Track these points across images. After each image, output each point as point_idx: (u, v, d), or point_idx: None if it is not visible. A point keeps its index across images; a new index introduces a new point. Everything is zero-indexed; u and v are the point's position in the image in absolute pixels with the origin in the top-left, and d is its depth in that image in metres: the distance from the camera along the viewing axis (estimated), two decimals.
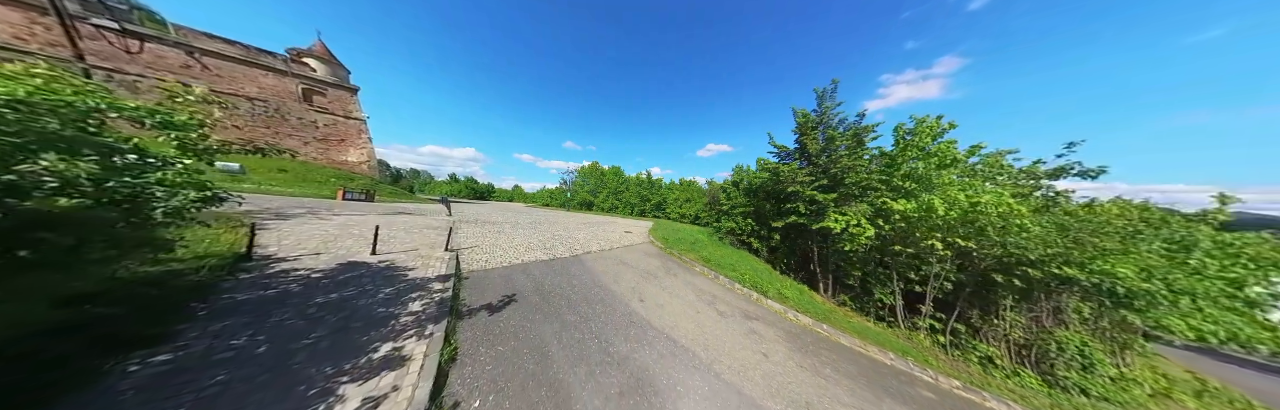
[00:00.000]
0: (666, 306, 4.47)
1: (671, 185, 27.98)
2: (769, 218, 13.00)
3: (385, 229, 5.86)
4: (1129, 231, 6.47)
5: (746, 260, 11.43)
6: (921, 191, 8.60)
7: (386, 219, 7.18)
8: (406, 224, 6.92)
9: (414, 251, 4.77)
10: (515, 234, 7.94)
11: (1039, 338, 6.90)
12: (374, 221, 6.35)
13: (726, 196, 15.37)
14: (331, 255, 4.01)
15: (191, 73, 13.43)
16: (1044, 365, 6.14)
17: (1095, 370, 5.85)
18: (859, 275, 10.31)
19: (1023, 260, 6.33)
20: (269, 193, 9.29)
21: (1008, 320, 8.37)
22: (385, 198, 14.80)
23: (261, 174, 13.06)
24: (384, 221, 6.70)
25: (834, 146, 10.12)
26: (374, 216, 7.31)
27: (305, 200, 8.90)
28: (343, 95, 17.44)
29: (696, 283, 6.45)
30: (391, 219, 7.27)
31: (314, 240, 4.52)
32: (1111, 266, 5.34)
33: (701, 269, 8.01)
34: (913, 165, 8.60)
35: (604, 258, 7.19)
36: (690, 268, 8.14)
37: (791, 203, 11.71)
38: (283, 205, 7.05)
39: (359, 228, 5.66)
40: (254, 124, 14.80)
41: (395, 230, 6.01)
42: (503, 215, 13.24)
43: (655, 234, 13.03)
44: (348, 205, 8.94)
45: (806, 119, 11.48)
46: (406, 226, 6.58)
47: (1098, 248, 5.71)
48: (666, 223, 19.57)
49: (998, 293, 8.29)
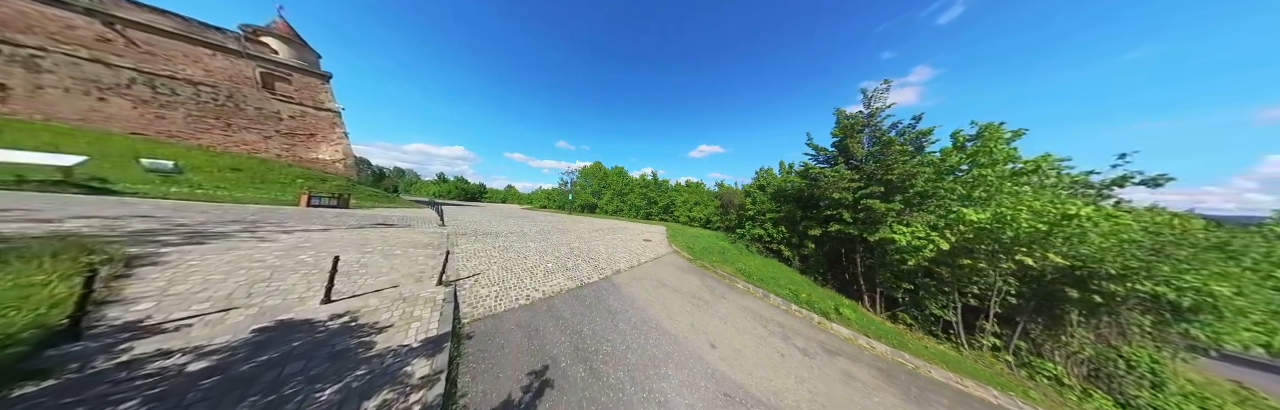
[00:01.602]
0: (744, 351, 3.56)
1: (678, 187, 26.67)
2: (803, 225, 11.90)
3: (355, 251, 4.23)
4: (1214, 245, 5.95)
5: (783, 272, 10.26)
6: (988, 201, 7.67)
7: (359, 235, 5.48)
8: (386, 240, 5.27)
9: (391, 290, 3.21)
10: (525, 249, 6.38)
11: (1104, 354, 6.51)
12: (339, 240, 4.69)
13: (752, 201, 14.13)
14: (250, 311, 2.42)
15: (112, 48, 11.04)
16: (1112, 383, 5.93)
17: (1167, 388, 5.61)
18: (909, 288, 9.32)
19: (1101, 274, 5.90)
20: (207, 198, 7.35)
21: (1077, 337, 7.69)
22: (363, 202, 12.80)
23: (207, 174, 10.88)
24: (355, 240, 5.04)
25: (888, 151, 9.02)
26: (342, 232, 5.60)
27: (255, 209, 7.03)
28: (312, 82, 15.17)
29: (752, 306, 5.49)
30: (366, 235, 5.57)
31: (231, 282, 2.88)
32: (1203, 283, 4.93)
33: (745, 286, 7.01)
34: (979, 173, 7.64)
35: (638, 278, 5.81)
36: (733, 285, 7.00)
37: (832, 210, 10.60)
38: (214, 217, 5.25)
39: (315, 252, 4.02)
40: (199, 114, 12.47)
41: (370, 253, 4.38)
42: (503, 222, 11.54)
43: (676, 242, 11.72)
44: (310, 216, 7.10)
45: (853, 121, 10.32)
46: (386, 245, 4.94)
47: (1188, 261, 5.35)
48: (678, 227, 18.25)
49: (1064, 307, 7.59)
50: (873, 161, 9.54)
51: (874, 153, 9.48)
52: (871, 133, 10.09)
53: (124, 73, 11.27)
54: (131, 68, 11.31)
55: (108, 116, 11.06)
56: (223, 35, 12.87)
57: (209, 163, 11.56)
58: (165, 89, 11.86)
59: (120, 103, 11.20)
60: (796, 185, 12.10)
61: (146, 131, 11.56)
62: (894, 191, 8.90)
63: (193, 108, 12.38)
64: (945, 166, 8.53)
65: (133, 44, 11.36)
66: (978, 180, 7.62)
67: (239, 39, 13.16)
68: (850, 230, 9.36)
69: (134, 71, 11.35)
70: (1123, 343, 7.13)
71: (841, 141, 10.57)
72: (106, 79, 11.04)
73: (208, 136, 12.69)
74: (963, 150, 8.14)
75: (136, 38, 11.40)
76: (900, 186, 8.74)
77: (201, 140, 12.55)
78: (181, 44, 12.08)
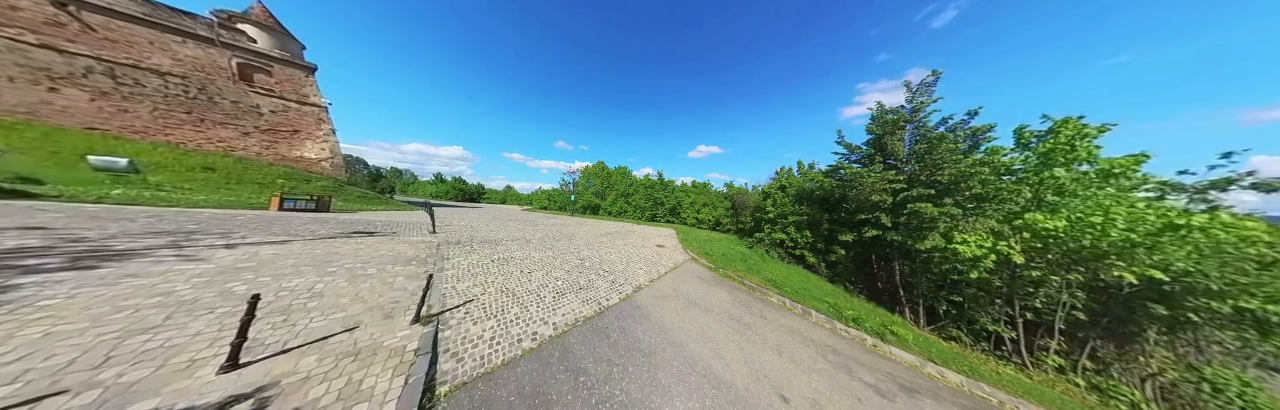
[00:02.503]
0: (819, 401, 2.79)
1: (685, 187, 25.70)
2: (830, 229, 10.97)
3: (313, 273, 3.24)
4: None
5: (812, 281, 9.34)
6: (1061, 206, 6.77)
7: (327, 249, 4.47)
8: (360, 255, 4.27)
9: (344, 336, 2.23)
10: (529, 261, 5.40)
11: (1185, 376, 5.94)
12: (297, 256, 3.68)
13: (772, 203, 13.18)
14: (84, 400, 1.43)
15: (64, 33, 9.94)
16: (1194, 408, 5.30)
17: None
18: (956, 300, 8.44)
19: (1199, 289, 5.19)
20: (156, 202, 6.31)
21: (1157, 357, 6.90)
22: (349, 205, 11.75)
23: (174, 173, 9.82)
24: (319, 255, 4.04)
25: (936, 149, 8.10)
26: (307, 244, 4.59)
27: (210, 214, 6.00)
28: (295, 75, 14.07)
29: (797, 327, 4.75)
30: (335, 248, 4.56)
31: (90, 336, 1.89)
32: None
33: (780, 299, 6.19)
34: (1051, 174, 6.72)
35: (663, 295, 4.90)
36: (767, 299, 6.14)
37: (867, 213, 9.66)
38: (141, 228, 4.23)
39: (257, 276, 3.04)
40: (168, 108, 11.36)
41: (332, 273, 3.39)
42: (503, 227, 10.52)
43: (691, 248, 10.78)
44: (274, 223, 6.07)
45: (895, 116, 9.35)
46: (358, 262, 3.95)
47: None
48: (688, 230, 17.29)
49: (1141, 324, 6.80)
50: (917, 161, 8.60)
51: (918, 151, 8.55)
52: (915, 129, 9.15)
53: (80, 61, 10.16)
54: (88, 55, 10.20)
55: (61, 109, 9.96)
56: (193, 21, 11.76)
57: (177, 161, 10.49)
58: (128, 79, 10.75)
59: (75, 94, 10.09)
60: (823, 186, 11.16)
61: (106, 126, 10.46)
62: (945, 194, 7.97)
63: (160, 101, 11.28)
64: (1003, 166, 7.62)
65: (89, 29, 10.25)
66: (1047, 182, 6.70)
67: (212, 25, 12.05)
68: (893, 236, 8.42)
69: (91, 59, 10.24)
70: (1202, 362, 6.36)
71: (879, 139, 9.63)
72: (59, 67, 9.93)
73: (178, 132, 11.60)
74: (1028, 148, 7.21)
75: (94, 22, 10.29)
76: (952, 188, 7.81)
77: (170, 136, 11.46)
78: (146, 29, 10.97)
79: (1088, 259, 6.22)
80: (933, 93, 8.96)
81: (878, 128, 9.73)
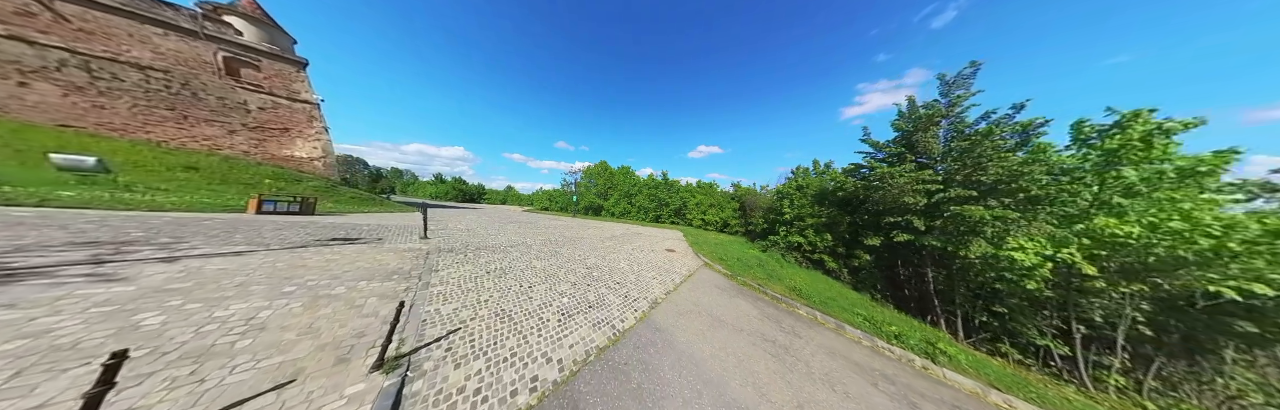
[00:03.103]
0: None
1: (690, 188, 25.01)
2: (855, 233, 10.25)
3: (262, 296, 2.54)
4: None
5: (835, 288, 8.63)
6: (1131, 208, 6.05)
7: (293, 261, 3.80)
8: (331, 269, 3.61)
9: (270, 397, 1.56)
10: (530, 272, 4.72)
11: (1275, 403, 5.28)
12: (251, 273, 3.01)
13: (788, 204, 12.46)
14: None
15: (35, 23, 9.33)
16: None
17: None
18: (1000, 311, 7.74)
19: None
20: (113, 204, 5.66)
21: (1238, 378, 6.19)
22: (340, 207, 11.10)
23: (152, 173, 9.20)
24: (280, 269, 3.37)
25: (978, 147, 7.38)
26: (269, 255, 3.91)
27: (170, 219, 5.35)
28: (285, 70, 13.45)
29: (838, 348, 4.13)
30: (304, 260, 3.89)
31: None
32: None
33: (808, 312, 5.57)
34: (1117, 173, 5.99)
35: (684, 312, 4.27)
36: (794, 312, 5.51)
37: (896, 216, 8.95)
38: (65, 237, 3.57)
39: (184, 303, 2.37)
40: (148, 103, 10.75)
41: (288, 295, 2.72)
42: (501, 230, 9.85)
43: (702, 252, 10.12)
44: (243, 228, 5.40)
45: (931, 111, 8.61)
46: (326, 278, 3.28)
47: None
48: (695, 232, 16.61)
49: (1218, 341, 6.08)
50: (954, 159, 7.89)
51: (956, 149, 7.83)
52: (951, 125, 8.43)
53: (52, 53, 9.55)
54: (62, 47, 9.60)
55: (31, 105, 9.35)
56: (176, 12, 11.14)
57: (157, 160, 9.87)
58: (105, 74, 10.14)
59: (47, 89, 9.49)
60: (845, 187, 10.44)
61: (81, 123, 9.85)
62: (988, 195, 7.26)
63: (140, 96, 10.66)
64: (1055, 164, 6.89)
65: (63, 19, 9.64)
66: (1111, 182, 5.98)
67: (195, 17, 11.44)
68: (930, 242, 7.70)
69: (65, 52, 9.64)
70: None
71: (908, 136, 8.91)
72: (30, 60, 9.32)
73: (159, 130, 10.98)
74: (1087, 145, 6.48)
75: (68, 11, 9.68)
76: (999, 189, 7.09)
77: (151, 134, 10.85)
78: (124, 21, 10.35)
79: (1160, 269, 5.53)
80: (970, 85, 8.23)
81: (907, 124, 9.01)
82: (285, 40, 13.74)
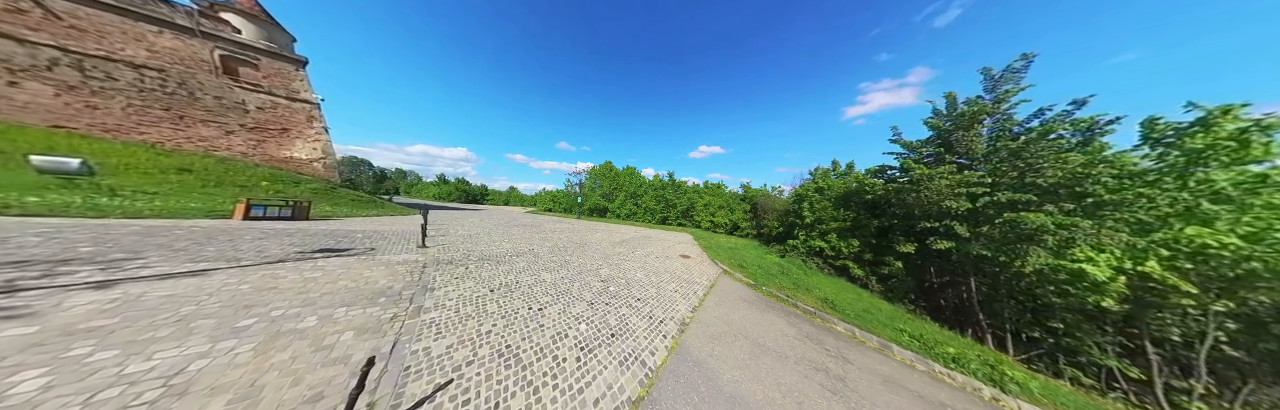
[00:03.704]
0: None
1: (696, 188, 24.33)
2: (886, 239, 9.52)
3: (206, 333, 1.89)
4: None
5: (865, 299, 7.90)
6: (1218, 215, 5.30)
7: (263, 281, 3.23)
8: (303, 294, 3.03)
9: None
10: (539, 288, 4.12)
11: None
12: (204, 299, 2.42)
13: (808, 206, 11.75)
14: None
15: (25, 20, 8.99)
16: None
17: None
18: (1056, 327, 6.99)
19: None
20: (79, 212, 5.17)
21: None
22: (336, 210, 10.62)
23: (144, 175, 8.79)
24: (249, 291, 2.81)
25: (1033, 146, 6.65)
26: (235, 274, 3.35)
27: (142, 226, 4.84)
28: (284, 68, 13.08)
29: (894, 375, 3.56)
30: (275, 280, 3.32)
31: None
32: None
33: (845, 328, 4.99)
34: (1204, 175, 5.24)
35: (717, 335, 3.71)
36: (831, 328, 4.95)
37: (933, 221, 8.21)
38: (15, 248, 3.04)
39: (92, 348, 1.78)
40: (143, 104, 10.39)
41: (238, 334, 2.14)
42: (506, 234, 9.28)
43: (718, 257, 9.49)
44: (219, 237, 4.85)
45: (975, 108, 7.80)
46: (292, 306, 2.70)
47: None
48: (704, 235, 15.93)
49: None
50: (1003, 160, 7.15)
51: (1005, 148, 7.10)
52: (996, 123, 7.69)
53: (44, 51, 9.22)
54: (53, 45, 9.26)
55: (22, 105, 9.02)
56: (171, 9, 10.80)
57: (151, 162, 9.48)
58: (98, 73, 9.80)
59: (38, 88, 9.15)
60: (872, 189, 9.72)
61: (73, 124, 9.51)
62: (1047, 199, 6.52)
63: (134, 96, 10.31)
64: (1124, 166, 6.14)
65: (54, 16, 9.31)
66: (1199, 186, 5.22)
67: (191, 14, 11.09)
68: (977, 250, 6.97)
69: (57, 50, 9.30)
70: None
71: (947, 135, 8.17)
72: (20, 59, 8.99)
73: (154, 131, 10.63)
74: (1163, 144, 5.73)
75: (59, 8, 9.35)
76: (1058, 193, 6.35)
77: (146, 135, 10.49)
78: (118, 18, 10.02)
79: (1254, 283, 4.80)
80: (1020, 80, 7.47)
81: (944, 122, 8.27)
82: (284, 38, 13.38)
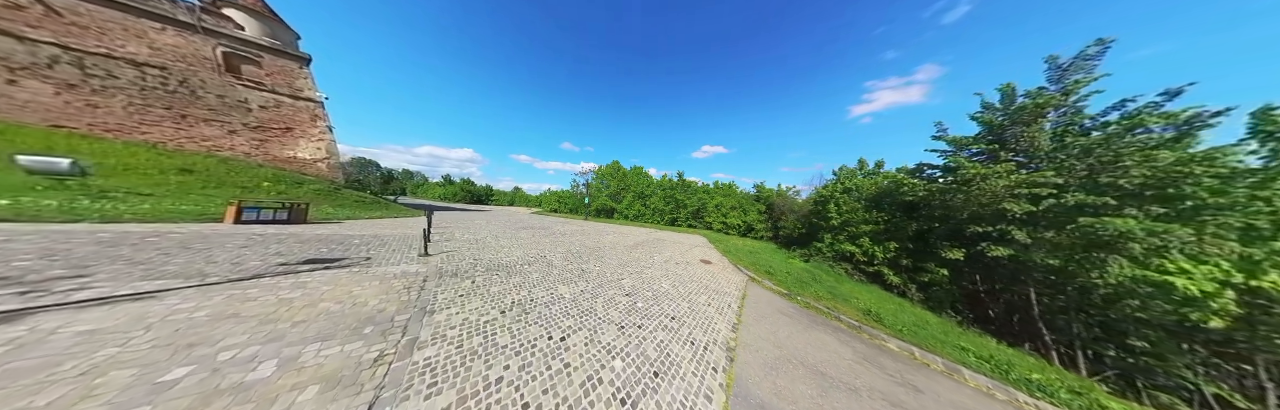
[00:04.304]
0: None
1: (706, 188, 23.55)
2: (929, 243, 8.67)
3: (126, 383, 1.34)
4: None
5: (908, 309, 7.04)
6: None
7: (224, 304, 2.67)
8: (270, 323, 2.44)
9: None
10: (557, 307, 3.47)
11: None
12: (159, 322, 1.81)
13: (835, 207, 10.93)
14: None
15: (25, 16, 8.75)
16: None
17: None
18: (1140, 347, 6.12)
19: None
20: (50, 217, 4.73)
21: None
22: (337, 212, 10.20)
23: (143, 176, 8.46)
24: (204, 319, 2.24)
25: (1114, 142, 5.80)
26: (195, 295, 2.79)
27: (115, 232, 4.37)
28: (287, 66, 12.77)
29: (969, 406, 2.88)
30: (242, 301, 2.75)
31: None
32: None
33: (899, 346, 4.33)
34: None
35: (773, 366, 3.16)
36: (884, 346, 4.29)
37: (985, 225, 7.38)
38: None
39: None
40: (144, 102, 10.12)
41: (155, 391, 1.56)
42: (514, 238, 8.70)
43: (740, 262, 8.83)
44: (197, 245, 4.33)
45: (1041, 100, 6.79)
46: (251, 340, 2.11)
47: None
48: (719, 237, 15.19)
49: None
50: (1074, 157, 6.29)
51: (1076, 145, 6.24)
52: (1062, 117, 6.84)
53: (44, 49, 8.98)
54: (53, 43, 9.02)
55: (21, 104, 8.78)
56: (173, 5, 10.52)
57: (151, 163, 9.16)
58: (99, 71, 9.54)
59: (38, 87, 8.90)
60: (912, 189, 8.88)
61: (73, 124, 9.25)
62: (1130, 202, 5.66)
63: (136, 95, 10.04)
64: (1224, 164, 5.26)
65: (54, 13, 9.06)
66: None
67: (194, 10, 10.80)
68: (1045, 259, 6.13)
69: (57, 48, 9.05)
70: None
71: (1001, 130, 7.32)
72: (20, 57, 8.75)
73: (156, 130, 10.35)
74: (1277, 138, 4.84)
75: (59, 4, 9.10)
76: (1145, 195, 5.49)
77: (147, 135, 10.22)
78: (119, 14, 9.75)
79: None
80: (1093, 69, 6.60)
81: (995, 116, 7.42)
82: (288, 35, 13.08)
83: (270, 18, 12.35)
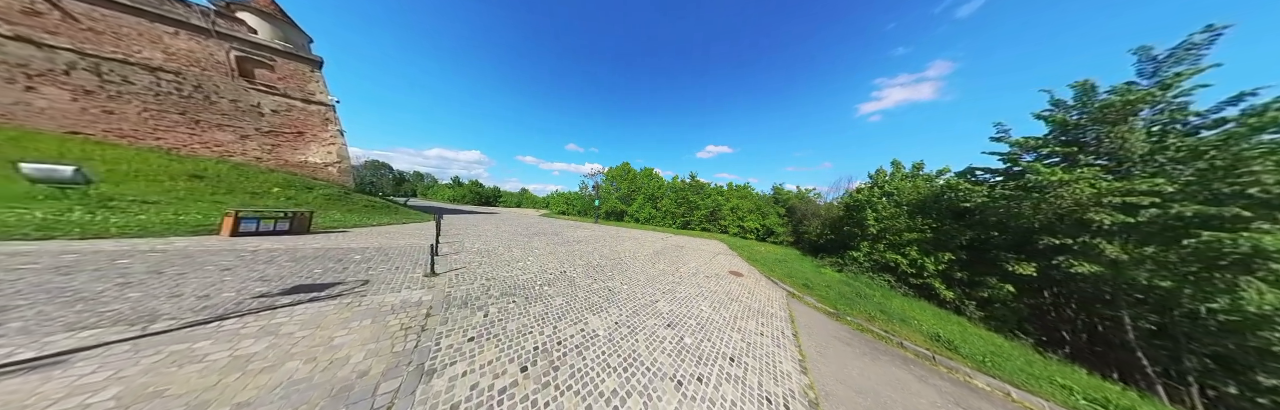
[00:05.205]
0: None
1: (721, 190, 22.67)
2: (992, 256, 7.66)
3: None
4: None
5: (971, 331, 6.06)
6: None
7: (159, 363, 2.08)
8: (221, 390, 1.82)
9: None
10: (592, 356, 2.77)
11: None
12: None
13: (873, 214, 9.97)
14: None
15: (43, 23, 8.73)
16: None
17: None
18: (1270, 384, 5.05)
19: None
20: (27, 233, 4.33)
21: None
22: (347, 218, 9.83)
23: (151, 183, 8.25)
24: (119, 395, 1.62)
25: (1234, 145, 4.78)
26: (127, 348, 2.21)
27: (82, 252, 3.93)
28: (300, 69, 12.65)
29: None
30: (185, 359, 2.16)
31: None
32: None
33: (987, 383, 3.63)
34: None
35: None
36: (970, 384, 3.61)
37: (1061, 237, 6.36)
38: None
39: None
40: (159, 108, 10.04)
41: None
42: (528, 249, 8.11)
43: (773, 274, 8.03)
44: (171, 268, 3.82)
45: (1130, 97, 5.80)
46: None
47: None
48: (739, 243, 14.31)
49: None
50: (1179, 161, 5.27)
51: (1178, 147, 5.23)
52: (1158, 115, 5.82)
53: (61, 55, 8.94)
54: (70, 49, 8.98)
55: (39, 111, 8.73)
56: (187, 9, 10.45)
57: (162, 169, 8.99)
58: (115, 76, 9.48)
59: (55, 93, 8.86)
60: (969, 195, 7.87)
61: (89, 130, 9.19)
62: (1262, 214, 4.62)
63: (150, 100, 9.96)
64: None
65: (71, 18, 9.03)
66: None
67: (207, 14, 10.73)
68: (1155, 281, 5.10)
69: (74, 54, 9.01)
70: None
71: (1077, 130, 6.32)
72: (37, 63, 8.73)
73: (170, 136, 10.26)
74: None
75: (75, 10, 9.07)
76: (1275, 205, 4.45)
77: (161, 141, 10.12)
78: (134, 19, 9.70)
79: None
80: (1199, 60, 5.57)
81: (1069, 115, 6.42)
82: (301, 38, 12.98)
83: (283, 20, 12.26)
